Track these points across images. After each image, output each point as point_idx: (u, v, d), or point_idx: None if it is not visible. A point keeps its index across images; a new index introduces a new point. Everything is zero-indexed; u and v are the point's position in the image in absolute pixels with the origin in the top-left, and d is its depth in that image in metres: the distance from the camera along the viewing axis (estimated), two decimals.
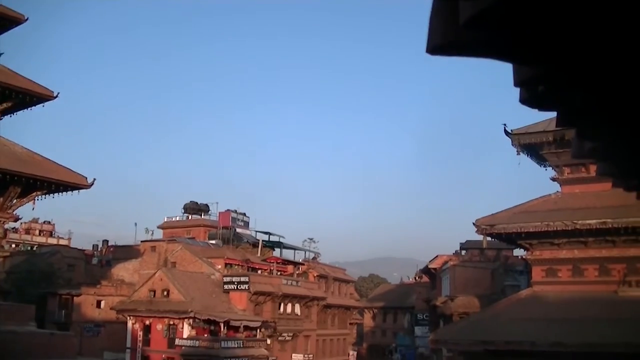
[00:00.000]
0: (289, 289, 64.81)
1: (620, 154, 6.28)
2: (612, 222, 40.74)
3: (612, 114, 6.19)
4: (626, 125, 6.35)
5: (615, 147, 6.15)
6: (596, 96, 5.97)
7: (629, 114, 6.19)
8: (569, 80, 5.82)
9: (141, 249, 72.50)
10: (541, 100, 6.40)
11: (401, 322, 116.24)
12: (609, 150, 6.12)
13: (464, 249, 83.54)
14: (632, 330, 38.72)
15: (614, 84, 5.74)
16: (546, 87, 6.18)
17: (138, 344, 57.21)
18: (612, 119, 6.28)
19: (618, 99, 5.95)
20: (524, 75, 6.07)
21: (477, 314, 51.46)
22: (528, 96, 6.40)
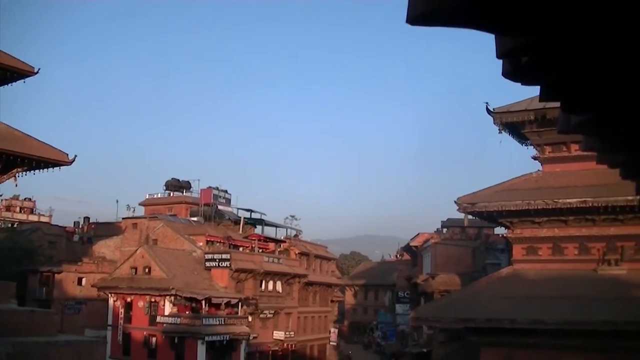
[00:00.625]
0: (271, 267, 64.83)
1: (606, 128, 6.24)
2: (592, 201, 40.96)
3: (597, 86, 6.13)
4: (613, 98, 6.29)
5: (601, 121, 6.10)
6: (581, 68, 5.91)
7: (615, 87, 6.12)
8: (553, 51, 5.74)
9: (122, 226, 72.28)
10: (525, 72, 6.31)
11: (382, 300, 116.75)
12: (595, 125, 6.08)
13: (446, 227, 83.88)
14: (610, 308, 39.09)
15: (599, 55, 5.68)
16: (530, 59, 6.10)
17: (119, 321, 57.15)
18: (598, 92, 6.21)
19: (603, 71, 5.88)
20: (506, 47, 5.99)
21: (458, 292, 51.71)
22: (511, 69, 6.32)
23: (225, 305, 55.97)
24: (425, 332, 69.57)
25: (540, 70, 6.20)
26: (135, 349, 55.91)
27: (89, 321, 61.57)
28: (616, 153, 6.18)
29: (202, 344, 52.96)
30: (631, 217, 41.89)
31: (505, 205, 44.29)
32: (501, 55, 6.13)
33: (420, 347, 68.54)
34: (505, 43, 5.97)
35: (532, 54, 6.04)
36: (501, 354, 43.60)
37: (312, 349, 75.55)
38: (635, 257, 42.66)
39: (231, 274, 59.56)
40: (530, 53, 6.06)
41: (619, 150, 6.02)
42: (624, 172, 5.93)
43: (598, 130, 6.13)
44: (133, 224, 69.34)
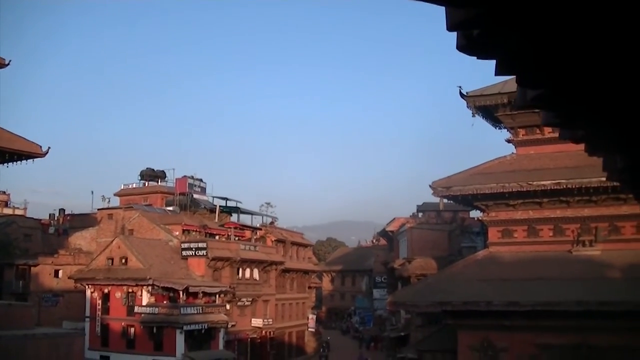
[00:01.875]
0: (247, 254, 64.79)
1: (561, 102, 6.22)
2: (566, 182, 41.32)
3: (551, 59, 6.06)
4: (567, 72, 6.22)
5: (557, 94, 6.07)
6: (534, 40, 5.84)
7: (569, 58, 6.06)
8: (504, 22, 5.66)
9: (98, 217, 71.91)
10: (478, 46, 6.24)
11: (359, 285, 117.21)
12: (552, 99, 6.06)
13: (421, 211, 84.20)
14: (585, 289, 39.49)
15: (551, 27, 5.63)
16: (481, 31, 6.08)
17: (97, 312, 56.93)
18: (552, 65, 6.14)
19: (556, 44, 5.83)
20: (456, 19, 5.95)
21: (434, 276, 52.04)
22: (465, 42, 6.25)
23: (203, 294, 55.94)
24: (403, 317, 69.97)
25: (493, 43, 6.12)
26: (113, 340, 55.75)
27: (66, 313, 61.27)
28: (576, 128, 6.17)
29: (180, 333, 52.91)
30: (605, 198, 42.34)
31: (480, 189, 44.59)
32: (451, 27, 6.05)
33: (398, 332, 68.94)
34: (455, 15, 5.91)
35: (483, 26, 6.01)
36: (478, 336, 43.98)
37: (290, 335, 75.69)
38: (608, 238, 43.13)
39: (208, 263, 59.51)
40: (481, 25, 6.00)
41: (577, 125, 6.02)
42: (588, 148, 5.93)
43: (554, 104, 6.11)
44: (108, 215, 69.01)
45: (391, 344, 72.04)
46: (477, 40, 6.15)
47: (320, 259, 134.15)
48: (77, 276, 58.68)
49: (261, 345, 67.87)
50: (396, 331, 70.34)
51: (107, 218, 68.39)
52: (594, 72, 6.11)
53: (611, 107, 5.80)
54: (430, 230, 73.34)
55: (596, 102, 5.77)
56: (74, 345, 43.87)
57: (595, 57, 5.89)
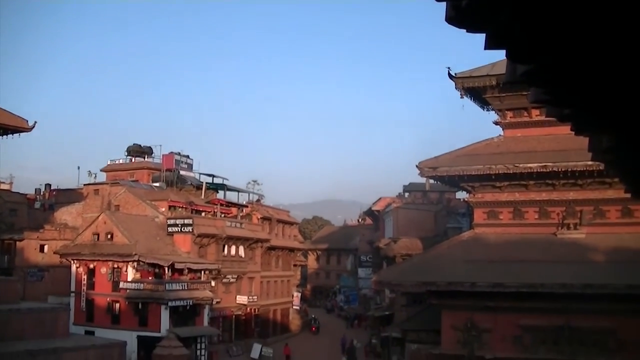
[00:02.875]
0: (233, 231, 64.82)
1: (552, 78, 6.15)
2: (552, 165, 41.48)
3: (542, 33, 5.95)
4: (559, 46, 6.12)
5: (547, 70, 6.02)
6: (524, 14, 5.73)
7: (561, 33, 5.96)
8: None
9: (84, 192, 71.69)
10: (467, 18, 6.09)
11: (344, 264, 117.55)
12: (541, 75, 6.01)
13: (407, 191, 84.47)
14: (569, 271, 39.77)
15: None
16: (469, 1, 5.87)
17: (82, 287, 56.92)
18: (543, 39, 6.03)
19: (548, 17, 5.72)
20: None
21: (419, 256, 52.21)
22: (454, 14, 6.13)
23: (188, 271, 56.01)
24: (388, 296, 70.22)
25: (483, 15, 6.00)
26: (98, 315, 55.80)
27: (51, 288, 61.27)
28: (563, 106, 6.14)
29: (165, 309, 52.99)
30: (590, 182, 42.56)
31: (467, 170, 44.71)
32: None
33: (383, 311, 69.22)
34: None
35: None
36: (462, 316, 44.19)
37: (275, 313, 75.93)
38: (593, 221, 43.38)
39: (194, 239, 59.54)
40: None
41: (565, 104, 6.00)
42: (574, 127, 5.90)
43: (543, 81, 6.06)
44: (95, 190, 68.83)
45: (375, 323, 72.35)
46: (466, 12, 6.01)
47: (306, 237, 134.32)
48: (63, 251, 58.61)
49: (246, 322, 68.12)
50: (380, 310, 70.62)
51: (93, 193, 68.23)
52: (585, 49, 6.06)
53: (600, 86, 5.78)
54: (416, 210, 73.54)
55: (585, 80, 5.75)
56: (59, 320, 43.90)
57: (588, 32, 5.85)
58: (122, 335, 49.71)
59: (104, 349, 43.75)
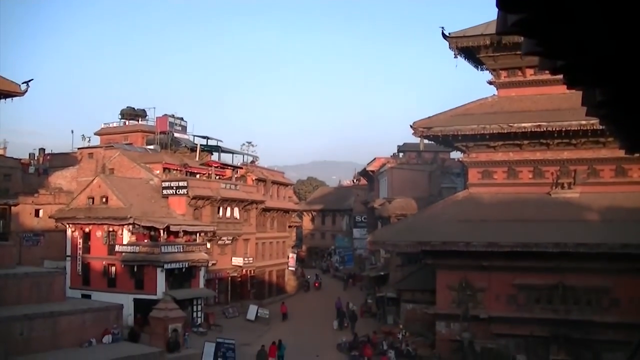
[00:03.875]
0: (228, 193, 64.80)
1: (544, 28, 6.04)
2: (546, 125, 41.52)
3: None
4: None
5: (539, 20, 5.90)
6: None
7: None
8: None
9: (78, 156, 71.53)
10: None
11: (340, 225, 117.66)
12: (533, 24, 5.89)
13: (402, 151, 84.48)
14: (562, 230, 39.97)
15: None
16: None
17: (78, 251, 56.96)
18: None
19: None
20: None
21: (414, 216, 52.41)
22: None
23: (184, 233, 56.05)
24: (383, 256, 70.50)
25: None
26: (94, 279, 55.91)
27: (47, 253, 61.34)
28: (556, 58, 6.02)
29: (161, 272, 53.09)
30: (584, 142, 42.63)
31: (461, 130, 44.74)
32: None
33: (378, 271, 69.48)
34: None
35: None
36: (457, 276, 44.50)
37: (270, 274, 76.15)
38: (587, 181, 43.54)
39: (188, 202, 59.51)
40: None
41: (558, 55, 5.90)
42: (567, 80, 5.79)
43: (535, 30, 5.95)
44: (89, 154, 68.66)
45: (371, 283, 72.69)
46: None
47: (301, 198, 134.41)
48: (58, 215, 58.59)
49: (242, 283, 68.35)
50: (376, 270, 70.88)
51: (88, 157, 68.10)
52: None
53: (594, 37, 5.69)
54: (411, 170, 73.62)
55: (579, 30, 5.64)
56: (55, 284, 44.02)
57: None
58: (119, 298, 49.89)
59: (100, 312, 43.92)
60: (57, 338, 39.63)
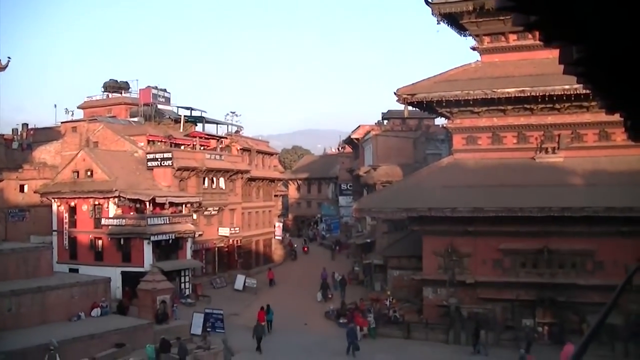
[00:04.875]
0: (213, 163, 64.67)
1: None
2: (530, 90, 41.59)
3: None
4: None
5: None
6: None
7: None
8: None
9: (62, 130, 71.19)
10: None
11: (325, 193, 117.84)
12: None
13: (386, 118, 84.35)
14: (547, 195, 40.21)
15: None
16: None
17: (64, 226, 56.87)
18: None
19: None
20: None
21: (399, 183, 52.55)
22: None
23: (170, 205, 56.02)
24: (369, 223, 70.75)
25: None
26: (82, 252, 55.89)
27: (33, 228, 61.18)
28: (530, 12, 5.94)
29: (148, 244, 53.13)
30: (568, 106, 42.77)
31: (445, 96, 44.76)
32: None
33: (364, 238, 69.79)
34: None
35: None
36: (443, 241, 44.77)
37: (257, 243, 76.29)
38: (571, 145, 43.75)
39: (174, 173, 59.39)
40: None
41: (532, 9, 5.82)
42: (542, 37, 5.72)
43: None
44: (72, 128, 68.34)
45: (357, 250, 73.00)
46: None
47: (286, 167, 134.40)
48: (43, 190, 58.41)
49: (229, 253, 68.49)
50: (362, 238, 71.19)
51: (71, 131, 67.77)
52: None
53: None
54: (395, 137, 73.63)
55: None
56: (42, 259, 44.07)
57: None
58: (106, 271, 49.99)
59: (88, 286, 44.02)
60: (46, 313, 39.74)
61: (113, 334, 38.98)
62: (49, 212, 58.42)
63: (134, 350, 38.47)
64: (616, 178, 38.75)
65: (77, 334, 37.57)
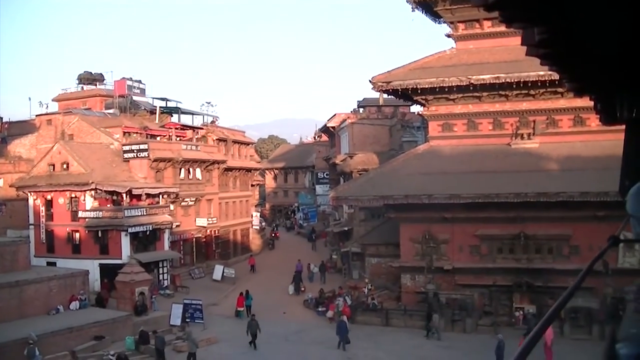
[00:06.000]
0: (189, 154, 64.52)
1: None
2: (505, 76, 41.79)
3: None
4: None
5: None
6: None
7: None
8: None
9: (37, 123, 70.69)
10: None
11: (302, 182, 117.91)
12: None
13: (362, 106, 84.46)
14: (523, 181, 40.47)
15: None
16: None
17: (41, 219, 56.54)
18: None
19: None
20: None
21: (376, 170, 52.62)
22: None
23: (147, 196, 55.86)
24: (346, 212, 70.91)
25: None
26: (59, 246, 55.60)
27: (10, 222, 60.85)
28: None
29: (125, 236, 52.96)
30: (543, 92, 43.01)
31: (420, 83, 44.87)
32: None
33: (342, 226, 69.94)
34: None
35: None
36: (420, 228, 45.01)
37: (235, 233, 76.23)
38: (546, 131, 44.02)
39: (150, 164, 59.18)
40: None
41: None
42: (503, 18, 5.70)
43: None
44: (47, 121, 67.86)
45: (335, 238, 73.17)
46: None
47: (263, 157, 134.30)
48: (19, 184, 58.05)
49: (206, 244, 68.46)
50: (339, 226, 71.34)
51: (46, 124, 67.31)
52: None
53: None
54: (371, 125, 73.73)
55: None
56: (19, 253, 43.94)
57: None
58: (84, 264, 49.91)
59: (66, 279, 43.96)
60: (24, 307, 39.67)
61: (92, 326, 38.98)
62: (26, 205, 58.11)
63: (113, 343, 38.51)
64: (591, 163, 39.03)
65: (56, 327, 37.55)
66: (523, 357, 2.28)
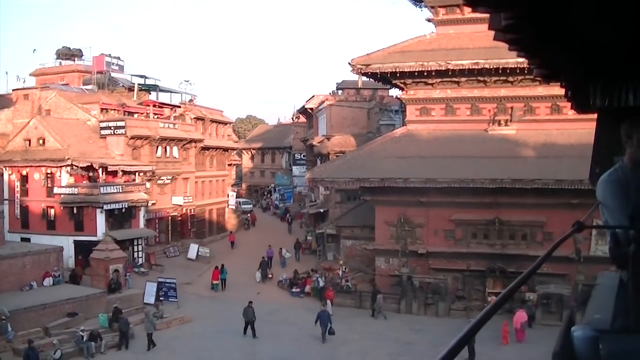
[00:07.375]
0: (166, 132, 64.25)
1: None
2: (484, 62, 41.94)
3: None
4: None
5: None
6: None
7: None
8: None
9: (13, 97, 69.96)
10: None
11: (279, 162, 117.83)
12: None
13: (340, 88, 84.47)
14: (499, 167, 40.72)
15: None
16: None
17: (16, 194, 56.19)
18: None
19: None
20: None
21: (353, 153, 52.74)
22: None
23: (123, 173, 55.67)
24: (322, 193, 71.04)
25: None
26: (34, 222, 55.32)
27: None
28: None
29: (101, 213, 52.77)
30: (521, 79, 43.19)
31: (399, 67, 44.94)
32: None
33: (317, 208, 70.09)
34: None
35: None
36: (395, 212, 45.19)
37: (211, 212, 76.11)
38: (523, 118, 44.26)
39: (127, 141, 58.92)
40: None
41: None
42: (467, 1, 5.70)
43: None
44: (24, 95, 67.18)
45: (310, 220, 73.31)
46: None
47: (240, 137, 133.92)
48: None
49: (182, 222, 68.38)
50: (315, 207, 71.48)
51: (23, 99, 66.66)
52: None
53: None
54: (349, 107, 73.75)
55: None
56: None
57: None
58: (59, 240, 49.75)
59: (40, 255, 43.82)
60: None
61: (65, 303, 38.93)
62: (0, 180, 57.70)
63: (86, 320, 38.48)
64: (567, 151, 39.30)
65: (29, 303, 37.48)
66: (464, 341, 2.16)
